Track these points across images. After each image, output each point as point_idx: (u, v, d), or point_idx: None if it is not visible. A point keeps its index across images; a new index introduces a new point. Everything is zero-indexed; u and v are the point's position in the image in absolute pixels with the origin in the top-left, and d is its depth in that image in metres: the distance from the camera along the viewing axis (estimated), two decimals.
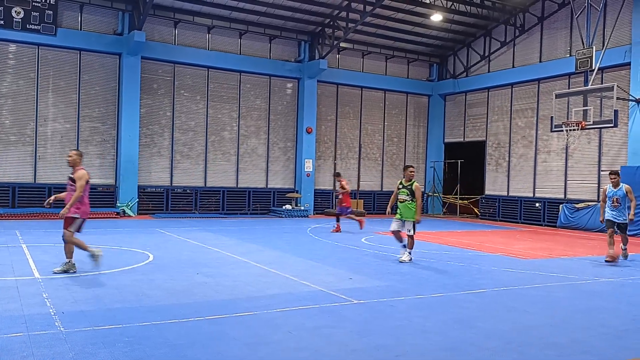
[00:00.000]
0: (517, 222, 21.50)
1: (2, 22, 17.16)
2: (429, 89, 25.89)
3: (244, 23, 21.33)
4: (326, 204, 23.44)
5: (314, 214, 22.48)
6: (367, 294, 7.36)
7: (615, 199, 10.76)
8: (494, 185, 23.46)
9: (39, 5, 17.62)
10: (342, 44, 22.88)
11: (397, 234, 10.42)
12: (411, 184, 10.35)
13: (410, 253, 10.37)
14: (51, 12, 17.82)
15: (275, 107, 22.67)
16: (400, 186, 10.50)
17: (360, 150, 24.55)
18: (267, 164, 22.50)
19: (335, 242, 13.36)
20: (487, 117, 23.82)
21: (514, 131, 22.58)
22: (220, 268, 9.13)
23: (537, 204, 21.08)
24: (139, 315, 5.87)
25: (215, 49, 21.08)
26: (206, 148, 21.24)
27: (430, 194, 25.75)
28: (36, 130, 18.43)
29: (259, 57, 21.90)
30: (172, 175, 20.61)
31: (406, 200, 10.28)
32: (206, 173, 21.15)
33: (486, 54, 23.46)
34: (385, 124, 25.30)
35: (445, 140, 25.97)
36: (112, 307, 6.20)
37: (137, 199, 19.47)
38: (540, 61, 21.35)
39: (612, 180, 10.92)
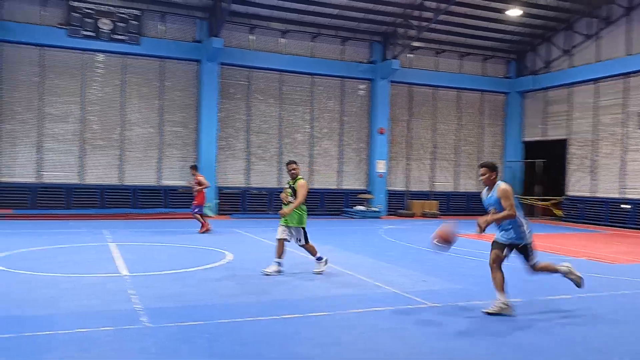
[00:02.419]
0: (603, 225, 20.32)
1: (92, 33, 18.32)
2: (507, 87, 25.04)
3: (317, 26, 21.56)
4: (399, 204, 23.23)
5: (386, 215, 22.35)
6: (441, 296, 7.24)
7: (492, 211, 6.52)
8: (577, 185, 22.32)
9: (125, 16, 18.68)
10: (415, 43, 22.60)
11: (280, 242, 8.62)
12: (295, 182, 8.72)
13: (321, 259, 8.74)
14: (136, 22, 18.82)
15: (347, 109, 22.75)
16: (287, 186, 8.89)
17: (434, 150, 24.15)
18: (340, 165, 22.62)
19: (408, 244, 13.23)
20: (570, 114, 22.72)
21: (599, 129, 21.39)
22: (294, 268, 9.28)
23: (625, 206, 19.86)
24: (217, 313, 6.09)
25: (288, 53, 21.45)
26: (280, 150, 21.65)
27: None
28: (122, 135, 19.51)
29: (331, 60, 22.06)
30: (248, 177, 21.18)
31: (291, 202, 8.64)
32: (280, 174, 21.56)
33: (567, 49, 22.40)
34: (460, 123, 24.73)
35: (524, 139, 25.02)
36: (193, 305, 6.47)
37: (218, 200, 20.17)
38: (627, 54, 20.11)
39: (482, 176, 6.60)
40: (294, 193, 8.63)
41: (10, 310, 5.96)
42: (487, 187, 6.61)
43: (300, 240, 8.69)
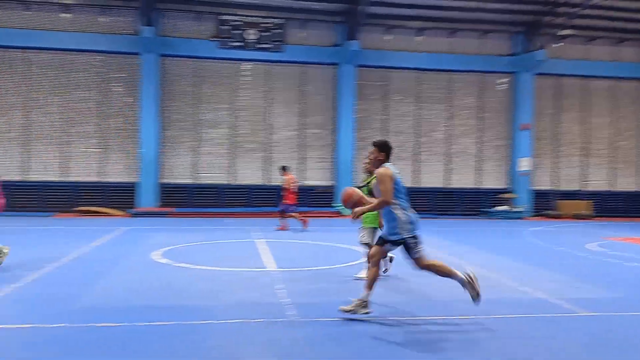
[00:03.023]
0: None
1: (240, 44, 19.65)
2: None
3: (454, 21, 21.04)
4: (545, 205, 21.85)
5: (530, 216, 21.15)
6: (596, 305, 6.73)
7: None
8: None
9: (270, 26, 19.78)
10: (563, 32, 21.09)
11: (369, 247, 7.69)
12: (370, 181, 7.59)
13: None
14: (279, 31, 19.84)
15: (487, 105, 21.92)
16: (362, 184, 8.02)
17: (585, 146, 22.35)
18: (479, 163, 21.85)
19: (558, 247, 12.42)
20: None
21: None
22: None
23: None
24: None
25: (425, 51, 21.20)
26: (417, 149, 21.48)
27: None
28: (267, 138, 20.66)
29: (469, 55, 21.41)
30: None
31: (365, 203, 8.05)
32: (417, 173, 21.39)
33: None
34: (617, 116, 22.63)
35: None
36: (338, 301, 6.69)
37: None
38: None
39: (370, 155, 6.40)
40: (370, 193, 7.51)
41: (175, 300, 6.64)
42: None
43: (364, 237, 7.83)
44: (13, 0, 18.81)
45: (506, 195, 21.31)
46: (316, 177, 21.00)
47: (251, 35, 19.70)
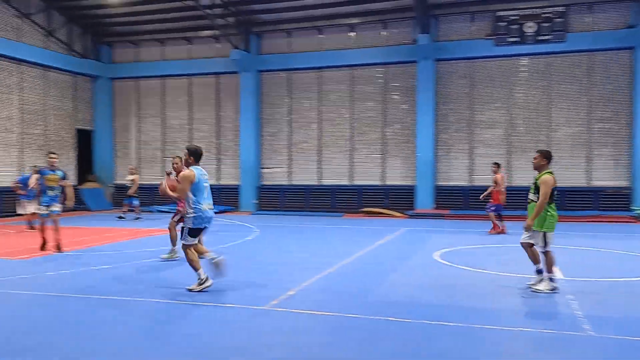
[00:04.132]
0: None
1: (517, 39, 18.81)
2: None
3: None
4: None
5: None
6: None
7: None
8: None
9: (550, 15, 18.47)
10: None
11: (526, 248, 7.36)
12: (539, 177, 7.27)
13: (550, 280, 7.14)
14: (561, 19, 18.38)
15: None
16: (534, 180, 7.39)
17: None
18: None
19: None
20: None
21: None
22: None
23: None
24: None
25: None
26: None
27: None
28: (548, 136, 19.29)
29: None
30: None
31: (532, 200, 7.29)
32: None
33: None
34: None
35: None
36: (635, 316, 5.95)
37: None
38: None
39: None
40: (537, 191, 7.28)
41: (458, 301, 6.74)
42: None
43: (537, 245, 7.28)
44: (309, 27, 21.49)
45: None
46: (606, 178, 18.79)
47: (529, 28, 18.67)
